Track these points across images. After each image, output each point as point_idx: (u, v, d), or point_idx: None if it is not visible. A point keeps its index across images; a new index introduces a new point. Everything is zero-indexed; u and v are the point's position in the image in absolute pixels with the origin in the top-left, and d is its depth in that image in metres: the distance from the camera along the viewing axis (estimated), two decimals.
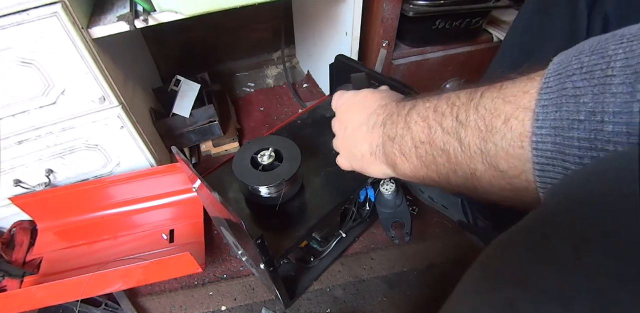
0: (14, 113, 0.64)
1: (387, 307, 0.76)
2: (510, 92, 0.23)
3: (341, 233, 0.78)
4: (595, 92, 0.19)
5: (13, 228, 0.83)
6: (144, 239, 0.82)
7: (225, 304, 0.78)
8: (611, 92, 0.18)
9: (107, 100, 0.68)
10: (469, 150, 0.26)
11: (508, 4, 0.95)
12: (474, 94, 0.26)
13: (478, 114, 0.25)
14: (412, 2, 0.89)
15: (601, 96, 0.18)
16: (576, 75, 0.20)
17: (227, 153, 1.08)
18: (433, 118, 0.29)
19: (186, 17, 0.63)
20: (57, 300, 0.70)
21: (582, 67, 0.20)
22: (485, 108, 0.24)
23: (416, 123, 0.30)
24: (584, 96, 0.19)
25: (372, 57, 0.99)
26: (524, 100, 0.22)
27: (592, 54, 0.20)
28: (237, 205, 0.62)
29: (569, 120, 0.20)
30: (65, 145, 0.72)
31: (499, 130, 0.23)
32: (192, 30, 1.23)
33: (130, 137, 0.76)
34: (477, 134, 0.25)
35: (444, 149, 0.28)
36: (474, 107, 0.25)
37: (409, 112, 0.32)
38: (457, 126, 0.26)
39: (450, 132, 0.27)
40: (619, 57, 0.18)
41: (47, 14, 0.55)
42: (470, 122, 0.25)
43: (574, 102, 0.19)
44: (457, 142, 0.27)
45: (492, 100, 0.24)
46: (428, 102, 0.30)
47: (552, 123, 0.20)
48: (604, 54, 0.19)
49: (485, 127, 0.24)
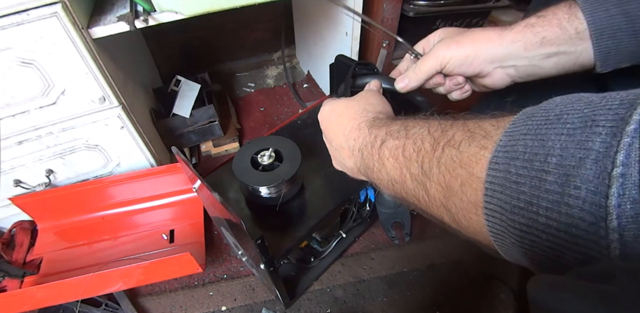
0: (14, 113, 0.64)
1: (387, 307, 0.76)
2: (467, 154, 0.25)
3: (341, 233, 0.78)
4: (532, 184, 0.20)
5: (13, 228, 0.83)
6: (144, 239, 0.82)
7: (225, 304, 0.78)
8: (545, 188, 0.20)
9: (107, 100, 0.68)
10: (435, 201, 0.28)
11: (508, 4, 0.95)
12: (436, 145, 0.28)
13: (439, 168, 0.27)
14: (412, 2, 0.89)
15: (537, 189, 0.20)
16: (519, 159, 0.21)
17: (227, 153, 1.08)
18: (402, 160, 0.31)
19: (186, 17, 0.63)
20: (57, 300, 0.70)
21: (525, 151, 0.21)
22: (445, 165, 0.26)
23: (388, 159, 0.33)
24: (523, 184, 0.21)
25: (372, 57, 0.99)
26: (475, 169, 0.24)
27: (535, 139, 0.21)
28: (237, 205, 0.62)
29: (511, 204, 0.21)
30: (65, 145, 0.72)
31: (456, 192, 0.25)
32: (192, 30, 1.23)
33: (130, 137, 0.76)
34: (440, 190, 0.27)
35: (413, 194, 0.30)
36: (436, 159, 0.27)
37: (381, 147, 0.34)
38: (422, 176, 0.29)
39: (418, 179, 0.29)
40: (555, 152, 0.20)
41: (47, 14, 0.55)
42: (433, 176, 0.27)
43: (515, 187, 0.21)
44: (424, 192, 0.29)
45: (451, 158, 0.26)
46: (396, 140, 0.32)
47: (498, 201, 0.22)
48: (544, 143, 0.21)
49: (446, 186, 0.26)
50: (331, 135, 0.43)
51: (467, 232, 0.26)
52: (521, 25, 0.39)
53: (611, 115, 0.19)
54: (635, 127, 0.18)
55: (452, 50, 0.41)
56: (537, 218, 0.20)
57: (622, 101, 0.20)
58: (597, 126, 0.19)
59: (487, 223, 0.23)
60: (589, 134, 0.19)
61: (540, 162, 0.20)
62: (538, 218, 0.20)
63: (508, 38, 0.39)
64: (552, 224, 0.20)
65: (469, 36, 0.41)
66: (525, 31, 0.38)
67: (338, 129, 0.42)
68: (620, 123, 0.18)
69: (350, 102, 0.43)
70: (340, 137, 0.41)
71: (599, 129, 0.19)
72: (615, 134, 0.18)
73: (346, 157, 0.41)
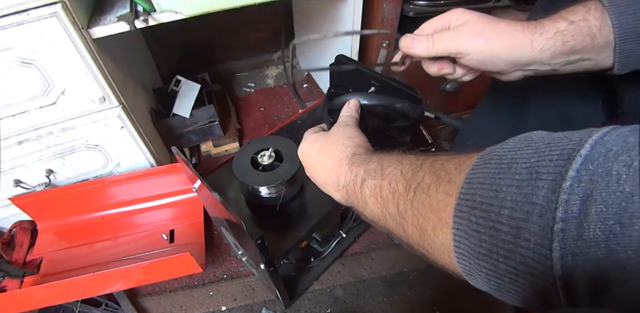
0: (14, 113, 0.64)
1: (387, 307, 0.76)
2: (435, 199, 0.27)
3: (341, 233, 0.78)
4: (490, 234, 0.22)
5: (13, 228, 0.83)
6: (144, 239, 0.82)
7: (225, 304, 0.78)
8: (501, 238, 0.21)
9: (107, 100, 0.68)
10: (413, 241, 0.30)
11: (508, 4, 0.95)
12: (409, 187, 0.29)
13: (413, 211, 0.29)
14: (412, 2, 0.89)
15: (494, 239, 0.22)
16: (477, 209, 0.23)
17: (227, 153, 1.08)
18: (380, 200, 0.32)
19: (186, 17, 0.63)
20: (57, 300, 0.70)
21: (482, 202, 0.23)
22: (417, 208, 0.28)
23: (370, 198, 0.34)
24: (483, 233, 0.22)
25: (372, 57, 0.99)
26: (444, 215, 0.26)
27: (490, 189, 0.23)
28: (237, 205, 0.62)
29: (475, 251, 0.23)
30: (65, 145, 0.72)
31: (429, 235, 0.27)
32: (192, 30, 1.23)
33: (130, 137, 0.76)
34: (415, 232, 0.29)
35: (396, 231, 0.32)
36: (409, 202, 0.29)
37: (362, 186, 0.35)
38: (400, 217, 0.30)
39: (396, 220, 0.31)
40: (507, 204, 0.21)
41: (47, 14, 0.55)
42: (409, 218, 0.29)
43: (477, 236, 0.23)
44: (402, 231, 0.30)
45: (422, 203, 0.28)
46: (374, 180, 0.33)
47: (465, 247, 0.24)
48: (498, 194, 0.22)
49: (420, 228, 0.28)
50: (313, 172, 0.43)
51: (446, 268, 0.28)
52: (552, 31, 0.37)
53: (552, 167, 0.21)
54: (570, 183, 0.19)
55: (477, 45, 0.38)
56: (499, 265, 0.22)
57: (562, 151, 0.21)
58: (540, 179, 0.21)
59: (459, 265, 0.25)
60: (534, 187, 0.21)
61: (495, 213, 0.22)
62: (499, 265, 0.22)
63: (538, 45, 0.37)
64: (512, 270, 0.21)
65: (498, 33, 0.38)
66: (556, 39, 0.37)
67: (319, 166, 0.42)
68: (559, 177, 0.20)
69: (328, 139, 0.43)
70: (323, 173, 0.41)
71: (542, 182, 0.20)
72: (555, 190, 0.20)
73: (333, 191, 0.40)
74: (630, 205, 0.17)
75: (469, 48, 0.39)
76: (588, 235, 0.18)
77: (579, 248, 0.18)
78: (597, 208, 0.18)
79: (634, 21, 0.34)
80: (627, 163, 0.18)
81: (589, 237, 0.18)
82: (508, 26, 0.38)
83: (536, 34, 0.38)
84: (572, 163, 0.20)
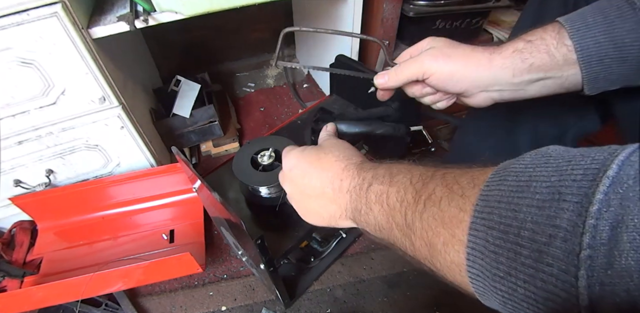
0: (14, 113, 0.64)
1: (387, 307, 0.76)
2: (447, 214, 0.25)
3: (341, 233, 0.78)
4: (508, 256, 0.21)
5: (13, 228, 0.83)
6: (144, 239, 0.82)
7: (225, 304, 0.78)
8: (520, 261, 0.20)
9: (107, 100, 0.68)
10: (421, 255, 0.28)
11: (508, 4, 0.95)
12: (418, 198, 0.28)
13: (422, 223, 0.27)
14: (412, 2, 0.89)
15: (513, 262, 0.21)
16: (495, 229, 0.22)
17: (227, 153, 1.08)
18: (386, 208, 0.31)
19: (186, 17, 0.63)
20: (57, 300, 0.70)
21: (501, 221, 0.22)
22: (427, 221, 0.27)
23: (375, 204, 0.32)
24: (501, 255, 0.21)
25: (372, 57, 0.99)
26: (457, 231, 0.24)
27: (509, 209, 0.21)
28: (237, 205, 0.62)
29: (491, 272, 0.22)
30: (65, 145, 0.72)
31: (439, 251, 0.26)
32: (192, 30, 1.23)
33: (130, 137, 0.76)
34: (423, 245, 0.27)
35: (401, 243, 0.30)
36: (419, 213, 0.28)
37: (368, 190, 0.33)
38: (407, 229, 0.29)
39: (403, 230, 0.29)
40: (527, 226, 0.20)
41: (47, 14, 0.55)
42: (417, 230, 0.28)
43: (494, 257, 0.22)
44: (409, 243, 0.29)
45: (433, 216, 0.26)
46: (381, 185, 0.32)
47: (480, 267, 0.23)
48: (517, 214, 0.21)
49: (429, 242, 0.27)
50: (307, 182, 0.39)
51: (456, 285, 0.27)
52: (509, 50, 0.38)
53: (576, 188, 0.19)
54: (598, 207, 0.18)
55: (439, 64, 0.40)
56: (517, 289, 0.21)
57: (585, 171, 0.20)
58: (564, 201, 0.20)
59: (472, 285, 0.24)
60: (557, 209, 0.20)
61: (514, 234, 0.21)
62: (517, 289, 0.21)
63: (497, 63, 0.39)
64: (531, 296, 0.20)
65: (459, 53, 0.40)
66: (514, 57, 0.38)
67: (318, 174, 0.38)
68: (585, 200, 0.19)
69: (323, 149, 0.41)
70: (325, 179, 0.37)
71: (566, 204, 0.19)
72: (581, 213, 0.19)
73: (328, 203, 0.37)
74: None
75: (432, 67, 0.41)
76: (620, 264, 0.17)
77: (609, 278, 0.17)
78: (630, 235, 0.17)
79: (594, 45, 0.35)
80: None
81: (621, 267, 0.17)
82: (470, 48, 0.41)
83: (495, 53, 0.39)
84: (599, 185, 0.19)
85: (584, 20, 0.35)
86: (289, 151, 0.43)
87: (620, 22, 0.34)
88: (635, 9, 0.34)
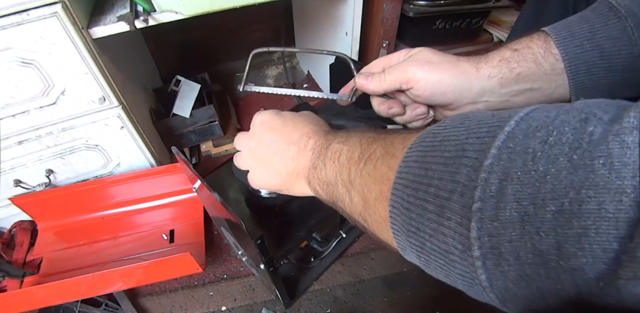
0: (14, 113, 0.64)
1: (387, 307, 0.76)
2: (379, 171, 0.27)
3: (341, 233, 0.78)
4: (418, 212, 0.22)
5: (13, 228, 0.83)
6: (144, 239, 0.82)
7: (225, 304, 0.78)
8: (427, 216, 0.21)
9: (107, 100, 0.68)
10: (356, 209, 0.30)
11: (508, 4, 0.95)
12: (362, 156, 0.30)
13: (361, 179, 0.29)
14: (412, 2, 0.89)
15: (421, 217, 0.22)
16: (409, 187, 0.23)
17: (227, 153, 1.08)
18: (337, 165, 0.32)
19: (186, 17, 0.63)
20: (57, 300, 0.70)
21: (414, 180, 0.23)
22: (365, 178, 0.29)
23: (329, 161, 0.33)
24: (412, 211, 0.22)
25: (372, 57, 0.99)
26: (384, 188, 0.26)
27: (421, 167, 0.23)
28: (237, 205, 0.62)
29: (406, 228, 0.23)
30: (65, 145, 0.72)
31: (371, 206, 0.27)
32: (192, 30, 1.23)
33: (130, 137, 0.76)
34: (359, 200, 0.29)
35: (342, 199, 0.32)
36: (359, 170, 0.29)
37: (327, 149, 0.34)
38: (349, 184, 0.30)
39: (346, 186, 0.31)
40: (433, 182, 0.21)
41: (47, 14, 0.55)
42: (356, 186, 0.29)
43: (407, 213, 0.23)
44: (348, 198, 0.31)
45: (368, 173, 0.28)
46: (338, 144, 0.34)
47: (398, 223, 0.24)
48: (427, 172, 0.22)
49: (364, 197, 0.28)
50: (275, 136, 0.39)
51: (383, 241, 0.28)
52: (496, 59, 0.38)
53: (478, 144, 0.20)
54: (490, 161, 0.19)
55: (424, 72, 0.38)
56: (425, 243, 0.22)
57: (489, 128, 0.20)
58: (465, 157, 0.20)
59: (395, 240, 0.25)
60: (459, 165, 0.20)
61: (423, 191, 0.22)
62: (426, 243, 0.22)
63: (484, 72, 0.38)
64: (436, 248, 0.21)
65: (445, 61, 0.39)
66: (501, 66, 0.37)
67: (292, 129, 0.39)
68: (481, 155, 0.19)
69: (298, 114, 0.42)
70: (294, 135, 0.38)
71: (466, 160, 0.20)
72: (476, 168, 0.19)
73: (289, 160, 0.38)
74: (543, 185, 0.17)
75: (418, 74, 0.39)
76: (504, 215, 0.18)
77: (495, 229, 0.18)
78: (513, 188, 0.18)
79: (581, 53, 0.35)
80: (544, 139, 0.18)
81: (505, 218, 0.18)
82: (455, 57, 0.39)
83: (482, 62, 0.38)
84: (494, 141, 0.19)
85: (570, 29, 0.35)
86: (263, 111, 0.43)
87: (605, 30, 0.34)
88: (619, 17, 0.33)
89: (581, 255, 0.16)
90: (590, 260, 0.15)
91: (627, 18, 0.33)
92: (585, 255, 0.16)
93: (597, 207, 0.15)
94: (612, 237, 0.15)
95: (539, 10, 0.55)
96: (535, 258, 0.17)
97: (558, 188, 0.16)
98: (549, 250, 0.16)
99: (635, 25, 0.33)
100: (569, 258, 0.16)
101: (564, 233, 0.16)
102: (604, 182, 0.15)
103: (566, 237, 0.16)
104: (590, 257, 0.15)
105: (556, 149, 0.17)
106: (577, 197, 0.16)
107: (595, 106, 0.18)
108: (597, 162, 0.16)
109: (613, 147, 0.16)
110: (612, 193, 0.15)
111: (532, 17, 0.57)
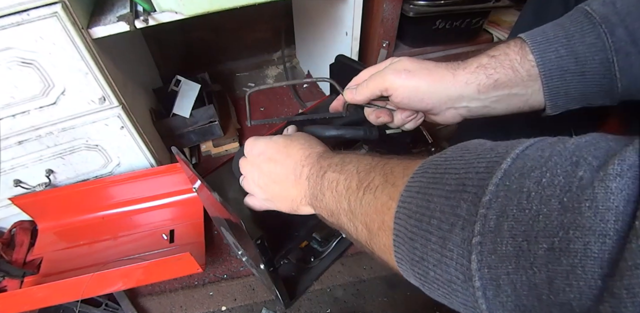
0: (14, 113, 0.64)
1: (387, 307, 0.76)
2: (380, 201, 0.28)
3: (341, 233, 0.78)
4: (421, 242, 0.23)
5: (13, 228, 0.83)
6: (144, 239, 0.82)
7: (225, 304, 0.78)
8: (430, 247, 0.22)
9: (107, 100, 0.68)
10: (362, 238, 0.31)
11: (508, 4, 0.95)
12: (360, 185, 0.30)
13: (362, 209, 0.30)
14: (412, 2, 0.89)
15: (424, 248, 0.23)
16: (412, 218, 0.24)
17: (227, 153, 1.08)
18: (335, 194, 0.33)
19: (186, 17, 0.63)
20: (57, 300, 0.70)
21: (417, 211, 0.24)
22: (365, 208, 0.29)
23: (327, 190, 0.34)
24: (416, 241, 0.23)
25: (372, 57, 0.99)
26: (386, 218, 0.27)
27: (424, 199, 0.24)
28: (237, 205, 0.62)
29: (409, 257, 0.24)
30: (65, 145, 0.72)
31: (375, 235, 0.28)
32: (192, 30, 1.23)
33: (130, 137, 0.76)
34: (363, 230, 0.30)
35: (347, 227, 0.32)
36: (359, 200, 0.30)
37: (322, 178, 0.35)
38: (350, 213, 0.31)
39: (348, 215, 0.32)
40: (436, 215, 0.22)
41: (47, 14, 0.55)
42: (358, 216, 0.30)
43: (410, 243, 0.24)
44: (353, 227, 0.31)
45: (368, 203, 0.29)
46: (333, 173, 0.34)
47: (402, 252, 0.25)
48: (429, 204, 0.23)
49: (367, 227, 0.29)
50: (272, 168, 0.40)
51: (389, 266, 0.29)
52: (473, 65, 0.38)
53: (477, 180, 0.21)
54: (489, 198, 0.20)
55: (401, 79, 0.39)
56: (428, 272, 0.23)
57: (488, 163, 0.22)
58: (465, 192, 0.21)
59: (399, 268, 0.27)
60: (459, 199, 0.21)
61: (426, 223, 0.23)
62: (429, 272, 0.23)
63: (461, 79, 0.38)
64: (439, 278, 0.22)
65: (422, 68, 0.40)
66: (479, 72, 0.38)
67: (283, 160, 0.40)
68: (480, 191, 0.21)
69: (290, 138, 0.42)
70: (289, 165, 0.39)
71: (466, 195, 0.21)
72: (476, 203, 0.20)
73: (290, 188, 0.39)
74: (536, 223, 0.18)
75: (396, 82, 0.40)
76: (501, 250, 0.19)
77: (494, 262, 0.19)
78: (509, 224, 0.19)
79: (555, 58, 0.35)
80: (538, 180, 0.19)
81: (502, 252, 0.19)
82: (433, 64, 0.40)
83: (459, 69, 0.39)
84: (492, 177, 0.20)
85: (545, 35, 0.36)
86: (256, 138, 0.44)
87: (580, 36, 0.34)
88: (594, 23, 0.34)
89: (569, 291, 0.17)
90: (577, 295, 0.17)
91: (601, 24, 0.33)
92: (573, 291, 0.17)
93: (583, 246, 0.16)
94: (597, 275, 0.16)
95: (540, 10, 0.55)
96: (530, 291, 0.18)
97: (549, 227, 0.17)
98: (542, 284, 0.18)
99: (610, 32, 0.33)
100: (558, 293, 0.17)
101: (555, 269, 0.17)
102: (589, 224, 0.16)
103: (556, 273, 0.17)
104: (577, 293, 0.17)
105: (549, 191, 0.18)
106: (566, 237, 0.17)
107: (586, 150, 0.19)
108: (584, 205, 0.17)
109: (598, 192, 0.17)
110: (597, 235, 0.16)
111: (533, 17, 0.57)
